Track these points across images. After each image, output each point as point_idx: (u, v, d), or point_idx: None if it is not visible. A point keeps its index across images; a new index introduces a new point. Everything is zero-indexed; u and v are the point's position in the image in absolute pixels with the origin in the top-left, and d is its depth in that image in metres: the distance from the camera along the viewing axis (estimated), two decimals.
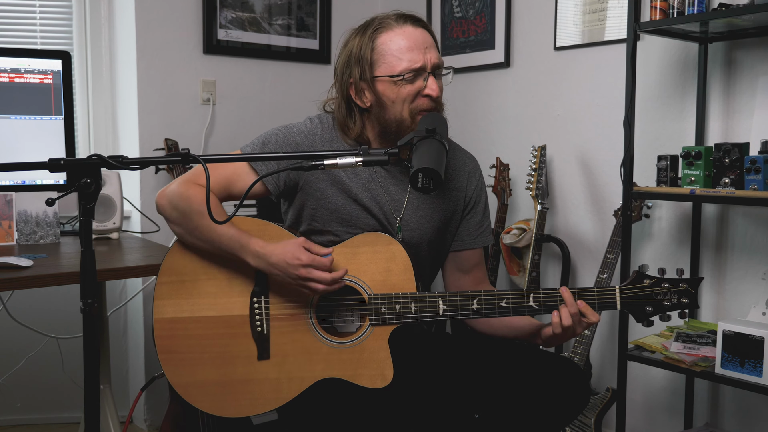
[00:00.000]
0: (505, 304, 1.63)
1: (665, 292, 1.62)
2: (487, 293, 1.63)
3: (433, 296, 1.64)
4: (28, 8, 2.94)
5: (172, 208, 1.68)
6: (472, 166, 1.88)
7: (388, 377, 1.62)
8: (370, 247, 1.67)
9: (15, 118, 2.29)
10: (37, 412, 3.01)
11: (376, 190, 1.76)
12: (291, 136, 1.76)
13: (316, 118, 1.81)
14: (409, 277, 1.65)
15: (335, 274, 1.59)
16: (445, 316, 1.64)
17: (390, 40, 1.68)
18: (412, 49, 1.66)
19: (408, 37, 1.67)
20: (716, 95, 2.38)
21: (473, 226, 1.86)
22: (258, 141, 1.77)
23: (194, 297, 1.67)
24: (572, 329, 1.60)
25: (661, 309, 1.62)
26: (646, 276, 1.63)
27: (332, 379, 1.64)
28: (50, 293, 2.69)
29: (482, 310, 1.63)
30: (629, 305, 1.63)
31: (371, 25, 1.71)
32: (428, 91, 1.67)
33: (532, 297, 1.62)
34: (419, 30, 1.70)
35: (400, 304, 1.63)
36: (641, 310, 1.63)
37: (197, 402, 1.66)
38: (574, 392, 1.68)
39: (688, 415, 2.47)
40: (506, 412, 1.68)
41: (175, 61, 3.02)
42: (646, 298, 1.62)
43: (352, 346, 1.64)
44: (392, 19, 1.70)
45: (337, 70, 1.76)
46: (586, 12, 2.71)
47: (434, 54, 1.69)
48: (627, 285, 1.63)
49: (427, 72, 1.67)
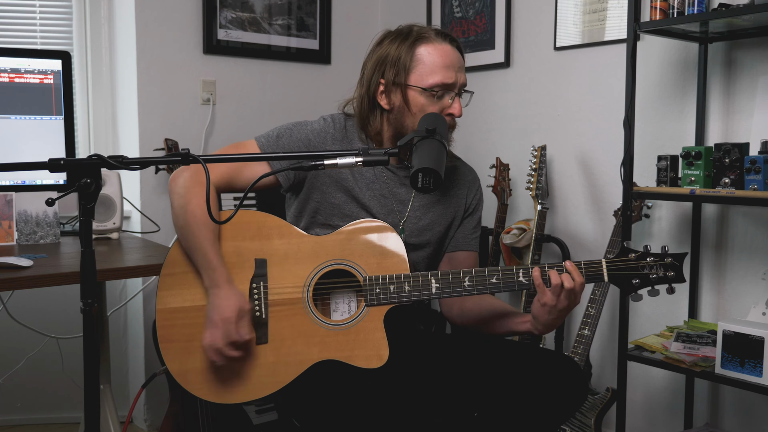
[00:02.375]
0: (496, 281, 1.67)
1: (651, 266, 1.66)
2: (477, 271, 1.68)
3: (426, 275, 1.68)
4: (28, 8, 2.94)
5: (178, 196, 1.73)
6: (472, 177, 1.97)
7: (383, 357, 1.65)
8: (365, 233, 1.72)
9: (15, 118, 2.29)
10: (37, 412, 3.01)
11: (380, 191, 1.82)
12: (304, 133, 1.82)
13: (330, 118, 1.86)
14: (402, 259, 1.70)
15: (226, 350, 1.61)
16: (437, 294, 1.68)
17: (428, 53, 1.75)
18: (447, 66, 1.75)
19: (445, 55, 1.75)
20: (716, 95, 2.38)
21: (469, 230, 1.93)
22: (273, 134, 1.83)
23: (196, 287, 1.70)
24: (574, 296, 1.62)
25: (648, 282, 1.66)
26: (631, 250, 1.68)
27: (330, 362, 1.66)
28: (50, 293, 2.69)
29: (473, 287, 1.67)
30: (616, 277, 1.66)
31: (411, 34, 1.78)
32: (452, 110, 1.76)
33: (522, 272, 1.66)
34: (455, 51, 1.78)
35: (394, 284, 1.67)
36: (628, 283, 1.67)
37: (196, 390, 1.68)
38: (572, 388, 1.70)
39: (688, 415, 2.47)
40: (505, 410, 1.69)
41: (175, 61, 3.02)
42: (633, 270, 1.66)
43: (347, 327, 1.67)
44: (432, 34, 1.78)
45: (367, 67, 1.83)
46: (586, 12, 2.72)
47: (463, 75, 1.79)
48: (613, 258, 1.68)
49: (455, 92, 1.76)
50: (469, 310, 1.85)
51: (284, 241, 1.71)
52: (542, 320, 1.66)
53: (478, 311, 1.84)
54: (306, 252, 1.71)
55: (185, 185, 1.72)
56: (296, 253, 1.71)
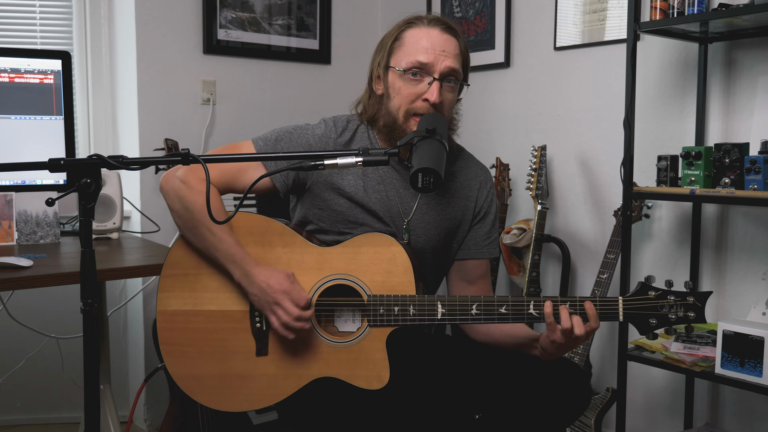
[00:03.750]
0: (505, 311, 1.60)
1: (671, 305, 1.56)
2: (486, 299, 1.61)
3: (432, 299, 1.63)
4: (28, 8, 2.94)
5: (177, 198, 1.69)
6: (484, 177, 1.88)
7: (384, 379, 1.61)
8: (371, 248, 1.66)
9: (15, 118, 2.29)
10: (37, 412, 3.01)
11: (385, 192, 1.76)
12: (304, 137, 1.76)
13: (330, 121, 1.81)
14: (409, 279, 1.64)
15: (303, 313, 1.59)
16: (443, 320, 1.62)
17: (412, 36, 1.71)
18: (427, 49, 1.68)
19: (429, 38, 1.69)
20: (716, 95, 2.38)
21: (481, 236, 1.85)
22: (271, 136, 1.78)
23: (197, 290, 1.68)
24: (575, 339, 1.56)
25: (665, 322, 1.57)
26: (651, 288, 1.57)
27: (329, 378, 1.64)
28: (50, 293, 2.69)
29: (481, 315, 1.61)
30: (632, 317, 1.57)
31: (406, 20, 1.75)
32: (427, 95, 1.67)
33: (533, 304, 1.59)
34: (446, 36, 1.71)
35: (398, 306, 1.62)
36: (645, 323, 1.57)
37: (196, 395, 1.67)
38: (575, 393, 1.68)
39: (688, 415, 2.47)
40: (507, 413, 1.68)
41: (175, 61, 3.02)
42: (651, 310, 1.56)
43: (349, 346, 1.64)
44: (425, 20, 1.73)
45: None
46: (586, 12, 2.71)
47: (450, 61, 1.69)
48: (631, 296, 1.57)
49: (433, 77, 1.67)
50: (496, 336, 1.79)
51: (288, 250, 1.68)
52: (550, 351, 1.61)
53: (498, 341, 1.78)
54: (310, 264, 1.67)
55: (182, 186, 1.68)
56: (299, 264, 1.66)
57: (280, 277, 1.60)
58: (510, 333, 1.75)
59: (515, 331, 1.75)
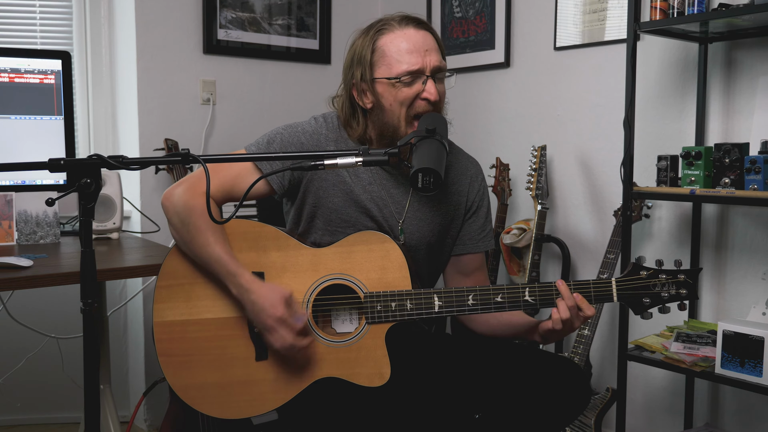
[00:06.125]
0: (501, 299, 1.62)
1: (663, 284, 1.60)
2: (482, 288, 1.63)
3: (428, 293, 1.64)
4: (28, 8, 2.94)
5: (175, 214, 1.69)
6: (475, 170, 1.87)
7: (385, 375, 1.62)
8: (365, 246, 1.66)
9: (15, 118, 2.29)
10: (37, 412, 3.01)
11: (377, 192, 1.76)
12: (296, 136, 1.75)
13: (321, 118, 1.80)
14: (404, 274, 1.65)
15: (298, 342, 1.58)
16: (440, 312, 1.64)
17: (390, 42, 1.67)
18: (411, 51, 1.66)
19: (408, 40, 1.67)
20: (716, 95, 2.38)
21: (475, 230, 1.85)
22: (263, 140, 1.77)
23: (193, 300, 1.67)
24: (570, 323, 1.60)
25: (659, 301, 1.60)
26: (642, 267, 1.61)
27: (331, 378, 1.64)
28: (50, 293, 2.69)
29: (478, 305, 1.63)
30: (626, 297, 1.61)
31: (374, 27, 1.71)
32: (426, 94, 1.66)
33: (528, 291, 1.61)
34: (421, 32, 1.69)
35: (395, 302, 1.63)
36: (639, 303, 1.60)
37: (197, 404, 1.66)
38: (575, 393, 1.68)
39: (688, 415, 2.47)
40: (507, 413, 1.68)
41: (175, 61, 3.02)
42: (644, 290, 1.60)
43: (348, 345, 1.64)
44: (395, 21, 1.70)
45: (343, 70, 1.77)
46: (586, 12, 2.72)
47: (435, 57, 1.68)
48: (623, 277, 1.61)
49: (425, 75, 1.67)
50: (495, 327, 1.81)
51: (282, 253, 1.67)
52: (555, 334, 1.64)
53: (499, 332, 1.80)
54: (304, 265, 1.67)
55: (181, 201, 1.68)
56: (294, 266, 1.66)
57: (275, 299, 1.58)
58: (508, 322, 1.77)
59: (513, 320, 1.77)
